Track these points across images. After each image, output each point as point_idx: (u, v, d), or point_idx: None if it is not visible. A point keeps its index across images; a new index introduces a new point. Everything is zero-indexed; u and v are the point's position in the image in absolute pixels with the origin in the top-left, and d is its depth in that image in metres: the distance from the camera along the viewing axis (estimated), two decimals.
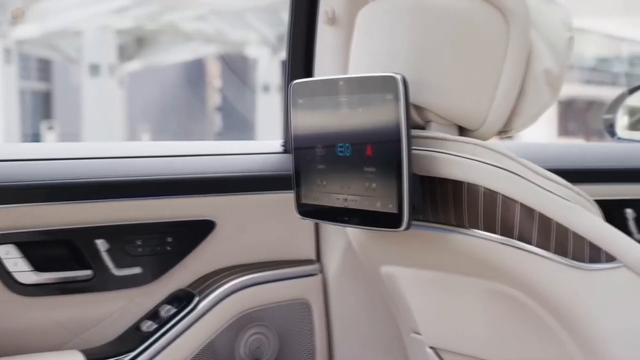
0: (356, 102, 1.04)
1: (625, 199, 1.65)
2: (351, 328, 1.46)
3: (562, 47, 1.10)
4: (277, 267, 1.41)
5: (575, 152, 1.79)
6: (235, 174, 1.40)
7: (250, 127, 11.55)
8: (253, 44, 11.77)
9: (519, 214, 1.00)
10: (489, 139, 1.10)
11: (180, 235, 1.35)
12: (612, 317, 1.00)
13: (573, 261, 0.99)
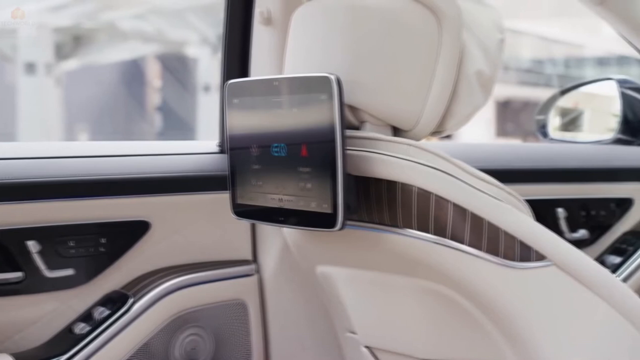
0: (291, 102, 1.04)
1: (557, 198, 1.68)
2: (287, 328, 1.46)
3: (494, 49, 1.12)
4: (213, 267, 1.40)
5: (508, 153, 1.82)
6: (171, 174, 1.39)
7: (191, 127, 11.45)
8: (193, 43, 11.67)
9: (452, 213, 1.01)
10: (422, 139, 1.11)
11: (114, 236, 1.33)
12: (542, 315, 1.02)
13: (504, 260, 1.01)
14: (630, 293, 1.05)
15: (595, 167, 1.76)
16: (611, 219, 1.73)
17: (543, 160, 1.75)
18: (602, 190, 1.73)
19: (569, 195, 1.70)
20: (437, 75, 1.06)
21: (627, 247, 1.70)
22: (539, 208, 1.63)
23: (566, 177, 1.71)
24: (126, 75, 13.19)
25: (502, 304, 1.02)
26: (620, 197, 1.73)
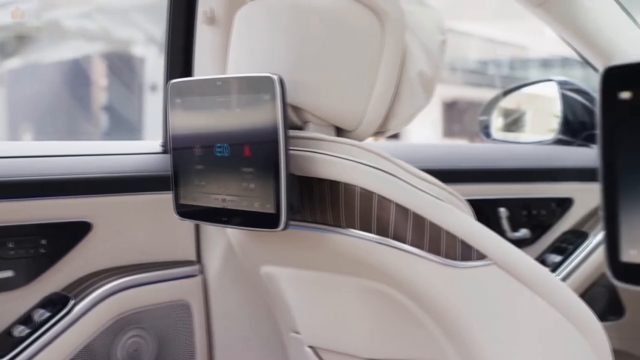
0: (234, 102, 1.04)
1: (499, 198, 1.70)
2: (231, 329, 1.46)
3: (436, 50, 1.13)
4: (156, 268, 1.39)
5: (451, 153, 1.84)
6: (113, 175, 1.37)
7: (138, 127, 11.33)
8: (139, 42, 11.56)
9: (394, 213, 1.02)
10: (365, 139, 1.11)
11: (55, 237, 1.31)
12: (482, 314, 1.03)
13: (445, 259, 1.01)
14: (569, 291, 1.07)
15: (536, 167, 1.79)
16: (552, 219, 1.76)
17: (485, 161, 1.77)
18: (543, 190, 1.76)
19: (511, 195, 1.72)
20: (379, 76, 1.07)
21: (567, 246, 1.73)
22: (481, 208, 1.66)
23: (508, 177, 1.74)
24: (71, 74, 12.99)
25: (444, 303, 1.03)
26: (560, 197, 1.76)
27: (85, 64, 13.04)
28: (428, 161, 1.61)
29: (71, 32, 11.80)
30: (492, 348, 1.03)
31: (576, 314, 1.05)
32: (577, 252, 1.68)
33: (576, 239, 1.73)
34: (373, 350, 1.15)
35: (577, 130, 1.85)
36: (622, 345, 1.70)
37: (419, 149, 1.90)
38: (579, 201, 1.76)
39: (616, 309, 1.76)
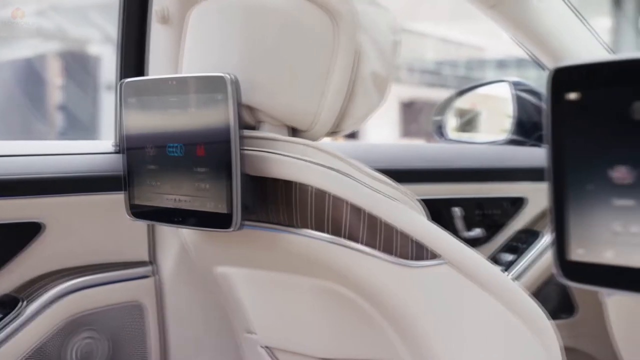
0: (187, 102, 1.04)
1: (454, 198, 1.71)
2: (185, 329, 1.45)
3: (389, 50, 1.13)
4: (109, 269, 1.38)
5: (406, 153, 1.85)
6: (65, 175, 1.35)
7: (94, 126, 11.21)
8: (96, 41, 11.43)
9: (348, 213, 1.02)
10: (319, 139, 1.11)
11: (5, 238, 1.29)
12: (435, 313, 1.04)
13: (399, 259, 1.02)
14: (520, 290, 1.08)
15: (490, 167, 1.81)
16: (505, 218, 1.78)
17: (440, 161, 1.78)
18: (496, 189, 1.77)
19: (465, 194, 1.74)
20: (333, 76, 1.07)
21: (520, 245, 1.75)
22: (436, 207, 1.66)
23: (462, 177, 1.75)
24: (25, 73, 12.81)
25: (397, 302, 1.03)
26: (513, 197, 1.78)
27: (40, 63, 12.85)
28: (382, 161, 1.62)
29: (26, 30, 11.65)
30: (444, 347, 1.04)
31: (527, 313, 1.06)
32: (530, 251, 1.70)
33: (529, 238, 1.76)
34: (327, 350, 1.16)
35: (529, 130, 1.87)
36: (574, 343, 1.72)
37: (374, 149, 1.90)
38: (531, 200, 1.78)
39: (568, 307, 1.78)
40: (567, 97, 0.65)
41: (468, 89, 2.04)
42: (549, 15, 1.51)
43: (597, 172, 0.64)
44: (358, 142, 2.68)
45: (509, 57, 11.06)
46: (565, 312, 1.78)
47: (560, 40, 1.53)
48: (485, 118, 2.09)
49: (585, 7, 4.94)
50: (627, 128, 0.62)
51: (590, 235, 0.65)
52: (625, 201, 0.63)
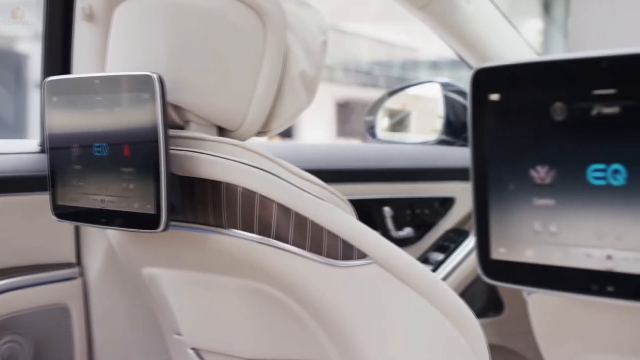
0: (113, 101, 1.02)
1: (384, 198, 1.72)
2: (112, 332, 1.42)
3: (317, 51, 1.13)
4: (33, 271, 1.34)
5: (337, 153, 1.85)
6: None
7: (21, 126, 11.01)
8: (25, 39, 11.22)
9: (276, 213, 1.01)
10: (248, 139, 1.11)
11: None
12: (364, 313, 1.04)
13: (327, 259, 1.02)
14: (448, 290, 1.09)
15: (420, 167, 1.82)
16: (435, 218, 1.80)
17: (371, 161, 1.79)
18: (427, 189, 1.79)
19: (396, 194, 1.75)
20: (262, 76, 1.07)
21: (450, 244, 1.77)
22: (366, 207, 1.67)
23: (393, 177, 1.76)
24: None
25: (325, 302, 1.03)
26: (443, 197, 1.80)
27: None
28: (313, 161, 1.62)
29: None
30: (372, 346, 1.04)
31: (454, 312, 1.07)
32: (459, 251, 1.72)
33: (458, 237, 1.78)
34: (256, 351, 1.15)
35: (458, 131, 1.89)
36: (501, 341, 1.75)
37: (305, 149, 1.90)
38: (460, 200, 1.80)
39: (496, 305, 1.81)
40: (489, 98, 0.66)
41: (399, 89, 2.05)
42: (477, 17, 1.53)
43: (518, 172, 0.65)
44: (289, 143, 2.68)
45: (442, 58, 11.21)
46: (494, 311, 1.81)
47: (488, 42, 1.55)
48: (416, 119, 2.11)
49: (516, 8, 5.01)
50: (547, 129, 0.63)
51: (511, 234, 0.66)
52: (545, 201, 0.64)
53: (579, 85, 0.60)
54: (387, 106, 2.04)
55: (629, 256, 0.59)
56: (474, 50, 1.55)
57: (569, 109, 0.61)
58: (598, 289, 0.61)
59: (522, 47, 1.60)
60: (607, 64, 0.59)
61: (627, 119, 0.58)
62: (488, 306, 1.81)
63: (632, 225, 0.58)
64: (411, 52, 13.36)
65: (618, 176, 0.59)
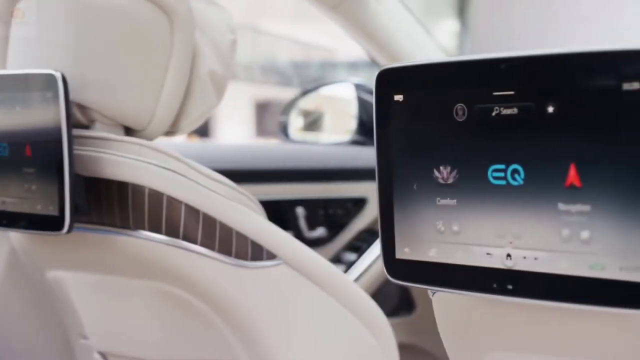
0: (14, 100, 0.99)
1: (298, 198, 1.72)
2: (14, 339, 1.38)
3: (226, 49, 1.13)
4: None
5: (249, 153, 1.85)
6: None
7: None
8: None
9: (184, 214, 1.00)
10: (155, 139, 1.09)
11: None
12: (273, 313, 1.04)
13: (236, 259, 1.01)
14: (358, 290, 1.10)
15: (333, 167, 1.83)
16: (348, 218, 1.80)
17: (284, 161, 1.79)
18: (340, 190, 1.80)
19: (309, 195, 1.75)
20: (169, 74, 1.05)
21: (362, 244, 1.78)
22: (279, 207, 1.67)
23: (306, 177, 1.76)
24: None
25: (235, 303, 1.03)
26: (356, 197, 1.81)
27: None
28: (224, 161, 1.61)
29: None
30: (282, 348, 1.04)
31: (364, 312, 1.08)
32: (371, 250, 1.73)
33: (370, 237, 1.79)
34: (164, 354, 1.13)
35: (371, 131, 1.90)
36: (413, 340, 1.77)
37: (216, 149, 1.89)
38: (373, 200, 1.81)
39: (407, 304, 1.83)
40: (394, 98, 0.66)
41: (312, 89, 2.06)
42: (387, 18, 1.54)
43: (422, 172, 0.65)
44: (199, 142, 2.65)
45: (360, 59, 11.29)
46: (405, 310, 1.83)
47: (398, 42, 1.56)
48: (329, 119, 2.11)
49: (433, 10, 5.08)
50: (450, 130, 0.63)
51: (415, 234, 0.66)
52: (447, 200, 0.64)
53: (480, 86, 0.61)
54: (301, 106, 2.04)
55: (526, 254, 0.60)
56: (384, 51, 1.56)
57: (471, 109, 0.62)
58: (498, 287, 0.62)
59: (432, 48, 1.62)
60: (506, 65, 0.59)
61: (524, 120, 0.59)
62: (400, 305, 1.82)
63: (529, 224, 0.59)
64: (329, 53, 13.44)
65: (516, 176, 0.60)
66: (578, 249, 0.57)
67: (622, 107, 0.54)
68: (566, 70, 0.57)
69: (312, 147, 2.04)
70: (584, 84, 0.56)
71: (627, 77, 0.54)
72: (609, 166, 0.55)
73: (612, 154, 0.55)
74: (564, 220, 0.58)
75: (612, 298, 0.56)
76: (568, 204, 0.57)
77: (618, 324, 0.62)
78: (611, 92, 0.54)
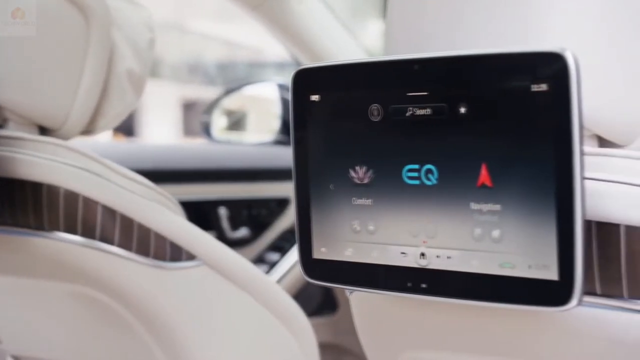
0: None
1: (221, 198, 1.71)
2: None
3: (144, 48, 1.11)
4: None
5: (172, 153, 1.83)
6: None
7: None
8: None
9: (101, 215, 0.99)
10: (71, 138, 1.07)
11: None
12: (193, 314, 1.03)
13: (155, 260, 1.00)
14: (279, 290, 1.10)
15: (256, 167, 1.82)
16: (271, 218, 1.80)
17: (207, 161, 1.78)
18: (263, 190, 1.79)
19: (233, 195, 1.74)
20: (85, 73, 1.03)
21: (285, 244, 1.78)
22: (201, 208, 1.66)
23: (229, 177, 1.75)
24: None
25: (153, 305, 1.01)
26: (279, 197, 1.81)
27: None
28: (146, 161, 1.59)
29: None
30: (201, 350, 1.03)
31: (284, 312, 1.07)
32: (294, 250, 1.73)
33: (293, 237, 1.79)
34: (81, 357, 1.11)
35: None
36: (336, 339, 1.78)
37: (138, 149, 1.87)
38: None
39: (331, 304, 1.83)
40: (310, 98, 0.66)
41: (235, 88, 2.05)
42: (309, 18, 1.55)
43: (338, 172, 0.65)
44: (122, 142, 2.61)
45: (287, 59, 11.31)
46: (329, 310, 1.83)
47: (320, 43, 1.56)
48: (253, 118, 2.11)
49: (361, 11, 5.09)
50: (365, 130, 0.63)
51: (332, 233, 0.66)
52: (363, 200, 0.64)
53: (394, 87, 0.62)
54: (224, 106, 2.03)
55: (440, 253, 0.61)
56: (307, 51, 1.56)
57: (385, 110, 0.62)
58: (412, 286, 0.63)
59: (354, 48, 1.62)
60: (419, 66, 0.60)
61: (437, 121, 0.59)
62: (323, 305, 1.83)
63: (443, 224, 0.60)
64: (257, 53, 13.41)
65: (430, 176, 0.60)
66: (489, 247, 0.58)
67: (531, 108, 0.55)
68: (477, 72, 0.57)
69: (236, 147, 2.03)
70: (495, 85, 0.57)
71: (535, 79, 0.54)
72: (518, 166, 0.56)
73: (520, 155, 0.56)
74: (476, 220, 0.58)
75: (521, 296, 0.57)
76: (480, 203, 0.58)
77: (531, 321, 0.63)
78: (520, 93, 0.55)
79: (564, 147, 0.53)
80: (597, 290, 0.59)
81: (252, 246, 1.77)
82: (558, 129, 0.54)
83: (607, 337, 0.60)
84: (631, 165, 0.60)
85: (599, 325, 0.60)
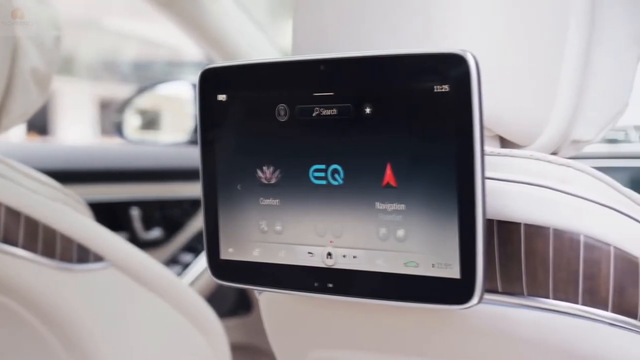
0: None
1: (133, 198, 1.69)
2: None
3: (50, 46, 1.09)
4: None
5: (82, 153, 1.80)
6: None
7: None
8: None
9: (4, 216, 0.96)
10: None
11: None
12: (101, 318, 1.01)
13: (61, 262, 0.98)
14: (189, 291, 1.09)
15: (170, 167, 1.81)
16: (185, 218, 1.79)
17: (119, 161, 1.75)
18: (177, 190, 1.78)
19: (145, 195, 1.72)
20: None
21: (199, 245, 1.77)
22: (113, 209, 1.63)
23: (142, 178, 1.73)
24: None
25: (60, 308, 0.99)
26: (193, 197, 1.80)
27: None
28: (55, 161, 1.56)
29: None
30: (110, 352, 1.01)
31: (194, 313, 1.07)
32: None
33: None
34: None
35: None
36: (250, 339, 1.77)
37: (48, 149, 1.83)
38: None
39: (245, 304, 1.83)
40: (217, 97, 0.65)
41: (148, 87, 2.02)
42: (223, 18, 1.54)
43: (246, 172, 0.65)
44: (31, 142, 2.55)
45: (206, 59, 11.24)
46: (243, 310, 1.83)
47: (233, 42, 1.56)
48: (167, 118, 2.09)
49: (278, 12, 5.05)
50: (272, 130, 0.63)
51: (240, 234, 0.66)
52: (270, 200, 0.64)
53: (301, 87, 0.61)
54: (137, 105, 2.00)
55: (346, 253, 0.61)
56: (221, 50, 1.56)
57: (292, 110, 0.62)
58: (319, 285, 0.63)
59: (268, 48, 1.62)
60: (324, 66, 0.60)
61: (343, 121, 0.60)
62: (238, 305, 1.82)
63: (349, 223, 0.60)
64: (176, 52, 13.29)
65: (336, 176, 0.61)
66: (394, 247, 0.58)
67: (434, 108, 0.56)
68: (381, 72, 0.58)
69: (149, 147, 2.00)
70: (399, 86, 0.57)
71: (438, 80, 0.55)
72: (422, 166, 0.57)
73: (424, 155, 0.56)
74: (381, 219, 0.59)
75: (425, 295, 0.58)
76: (385, 203, 0.59)
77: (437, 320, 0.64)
78: (424, 94, 0.56)
79: (466, 148, 0.54)
80: (499, 288, 0.60)
81: (166, 247, 1.75)
82: (460, 130, 0.54)
83: (508, 334, 0.61)
84: (531, 166, 0.61)
85: (500, 323, 0.61)
